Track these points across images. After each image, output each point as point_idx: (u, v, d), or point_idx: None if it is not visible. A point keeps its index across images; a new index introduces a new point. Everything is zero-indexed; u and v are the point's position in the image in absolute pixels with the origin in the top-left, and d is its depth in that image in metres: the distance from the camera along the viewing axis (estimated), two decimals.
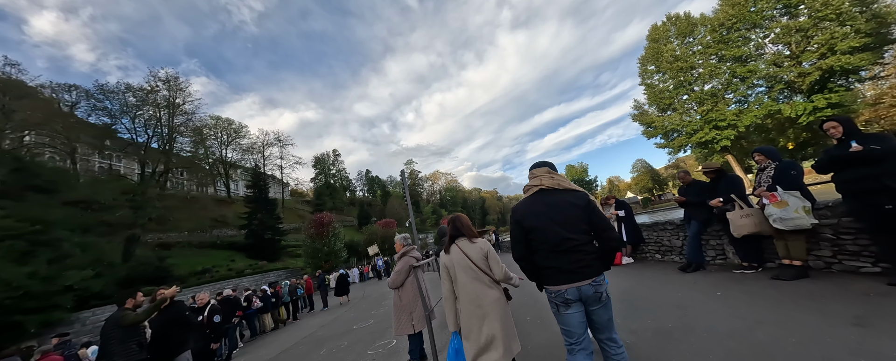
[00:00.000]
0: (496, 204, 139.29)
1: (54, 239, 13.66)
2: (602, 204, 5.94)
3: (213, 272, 26.17)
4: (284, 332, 8.10)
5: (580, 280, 1.61)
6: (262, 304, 7.91)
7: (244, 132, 49.91)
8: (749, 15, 27.47)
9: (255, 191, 35.94)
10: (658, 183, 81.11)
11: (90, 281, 14.64)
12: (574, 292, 1.62)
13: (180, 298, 7.46)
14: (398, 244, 3.17)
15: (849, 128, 2.43)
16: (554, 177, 1.84)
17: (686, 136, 33.13)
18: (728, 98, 32.01)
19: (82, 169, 25.60)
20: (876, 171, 2.18)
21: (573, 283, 1.62)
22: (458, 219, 2.32)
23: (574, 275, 1.62)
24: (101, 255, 16.05)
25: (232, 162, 49.03)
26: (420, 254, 3.21)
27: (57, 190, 17.80)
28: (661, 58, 35.11)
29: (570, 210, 1.69)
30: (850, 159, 2.30)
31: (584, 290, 1.61)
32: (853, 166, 2.32)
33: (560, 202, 1.73)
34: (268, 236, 34.40)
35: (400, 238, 3.20)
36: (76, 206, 18.27)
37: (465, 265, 2.09)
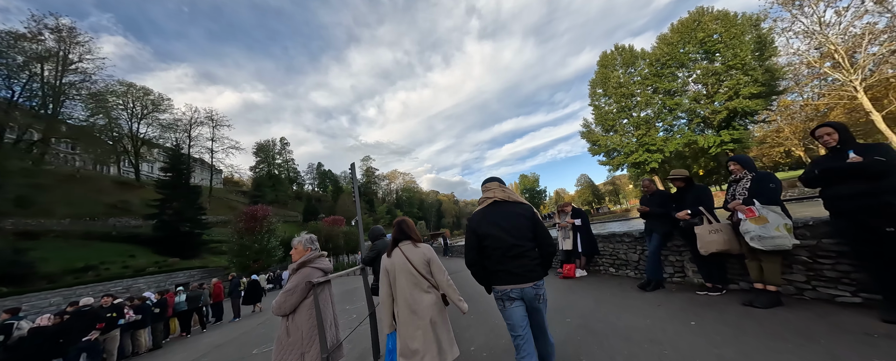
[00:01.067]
0: (452, 207, 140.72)
1: None
2: (558, 212, 5.61)
3: (101, 270, 21.21)
4: (158, 356, 6.20)
5: (524, 282, 1.84)
6: (138, 316, 5.97)
7: (165, 105, 42.35)
8: (679, 55, 31.52)
9: (173, 175, 30.40)
10: (597, 196, 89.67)
11: None
12: (517, 291, 1.85)
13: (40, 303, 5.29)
14: (297, 248, 2.22)
15: (845, 136, 2.14)
16: (505, 190, 2.07)
17: (624, 156, 36.73)
18: (658, 126, 36.37)
19: None
20: (875, 188, 1.91)
21: (518, 284, 1.85)
22: (403, 223, 2.28)
23: (519, 278, 1.84)
24: None
25: (145, 138, 41.15)
26: (330, 264, 2.27)
27: None
28: (608, 83, 38.57)
29: (518, 220, 1.92)
30: (846, 171, 2.03)
31: (527, 291, 1.85)
32: (847, 180, 2.04)
33: (510, 213, 1.95)
34: (185, 229, 29.24)
35: (302, 240, 2.26)
36: None
37: (405, 269, 2.07)
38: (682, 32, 30.68)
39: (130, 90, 39.99)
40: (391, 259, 2.14)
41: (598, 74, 40.56)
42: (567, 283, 4.72)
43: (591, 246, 4.95)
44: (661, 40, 33.61)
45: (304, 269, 2.05)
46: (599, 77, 39.89)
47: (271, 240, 22.96)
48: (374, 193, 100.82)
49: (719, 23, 27.04)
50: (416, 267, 2.06)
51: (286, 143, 79.68)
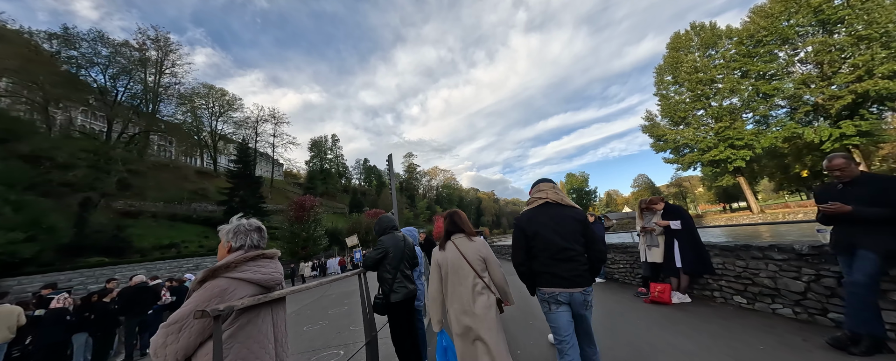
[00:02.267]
0: (492, 205, 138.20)
1: None
2: (642, 210, 4.18)
3: (182, 247, 24.29)
4: None
5: (573, 287, 1.81)
6: (174, 298, 5.98)
7: (238, 105, 47.68)
8: (781, 29, 25.69)
9: (240, 167, 33.92)
10: None
11: (19, 246, 12.70)
12: (566, 296, 1.82)
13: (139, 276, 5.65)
14: (223, 244, 1.30)
15: None
16: (557, 192, 2.05)
17: (698, 153, 31.47)
18: (745, 118, 30.36)
19: (60, 123, 23.26)
20: None
21: (566, 288, 1.81)
22: (455, 215, 2.18)
23: (568, 282, 1.81)
24: (40, 217, 14.08)
25: (221, 134, 46.82)
26: (277, 270, 1.26)
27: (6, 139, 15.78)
28: (681, 68, 33.33)
29: (570, 223, 1.91)
30: None
31: (575, 297, 1.82)
32: None
33: (562, 215, 1.94)
34: (249, 215, 32.40)
35: (227, 229, 1.32)
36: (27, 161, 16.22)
37: (458, 265, 1.99)
38: (787, 1, 24.88)
39: (211, 91, 45.74)
40: (444, 253, 2.05)
41: (667, 59, 35.35)
42: (659, 312, 3.35)
43: (698, 260, 3.43)
44: (755, 13, 27.81)
45: (212, 282, 1.07)
46: (669, 62, 34.70)
47: (317, 229, 24.06)
48: (415, 189, 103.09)
49: None
50: (472, 264, 1.96)
51: (337, 140, 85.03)
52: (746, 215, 34.02)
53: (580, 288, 1.80)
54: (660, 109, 36.24)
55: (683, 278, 3.57)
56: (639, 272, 4.64)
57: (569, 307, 1.82)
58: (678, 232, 3.57)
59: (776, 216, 28.69)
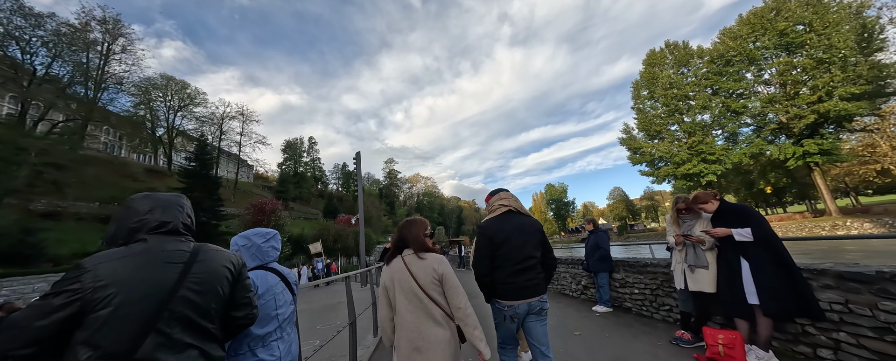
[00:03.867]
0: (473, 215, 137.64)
1: None
2: (678, 211, 2.90)
3: None
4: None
5: (531, 295, 1.83)
6: None
7: (200, 99, 43.94)
8: (749, 50, 26.97)
9: (197, 165, 30.55)
10: (632, 212, 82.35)
11: None
12: (524, 307, 1.82)
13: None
14: None
15: None
16: (517, 201, 2.04)
17: (673, 166, 32.13)
18: (716, 133, 31.51)
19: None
20: None
21: (526, 299, 1.82)
22: (410, 225, 1.70)
23: (528, 291, 1.82)
24: None
25: (180, 129, 42.76)
26: None
27: None
28: (656, 83, 34.38)
29: (532, 232, 1.92)
30: None
31: (533, 305, 1.83)
32: None
33: (525, 224, 1.94)
34: (203, 219, 29.04)
35: None
36: None
37: (407, 288, 1.54)
38: (753, 24, 26.24)
39: (170, 83, 41.86)
40: (390, 270, 1.62)
41: (643, 74, 36.46)
42: None
43: (791, 293, 2.10)
44: (725, 34, 29.21)
45: None
46: (646, 77, 35.77)
47: None
48: (396, 196, 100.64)
49: (810, 9, 22.48)
50: (423, 287, 1.52)
51: (314, 143, 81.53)
52: None
53: (538, 296, 1.83)
54: (637, 123, 37.08)
55: (764, 323, 2.19)
56: (668, 302, 3.39)
57: (524, 316, 1.84)
58: (748, 246, 2.32)
59: None
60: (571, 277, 5.51)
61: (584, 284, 5.15)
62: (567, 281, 5.66)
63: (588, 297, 5.06)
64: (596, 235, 4.44)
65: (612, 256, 4.30)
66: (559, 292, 5.93)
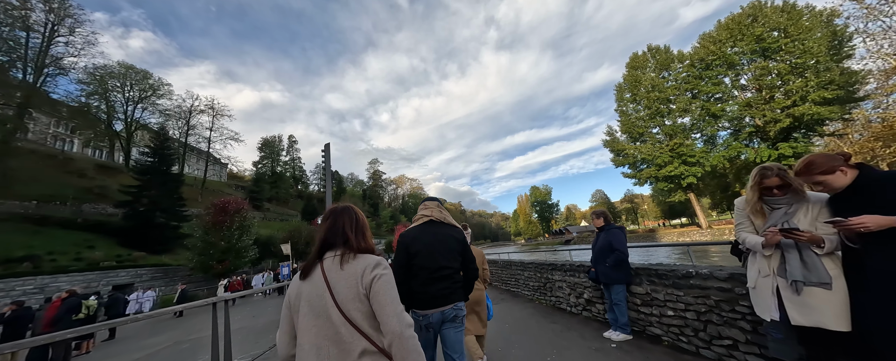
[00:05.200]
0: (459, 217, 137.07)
1: None
2: (758, 191, 1.81)
3: (43, 260, 18.16)
4: None
5: (444, 304, 1.84)
6: None
7: (164, 90, 40.57)
8: (727, 55, 27.54)
9: (155, 160, 27.80)
10: (613, 214, 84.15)
11: None
12: (437, 316, 1.83)
13: None
14: None
15: None
16: (441, 211, 2.09)
17: (655, 168, 32.41)
18: (696, 136, 32.10)
19: None
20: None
21: (438, 308, 1.83)
22: (340, 214, 1.25)
23: (441, 300, 1.84)
24: None
25: (141, 123, 39.24)
26: None
27: None
28: (639, 86, 34.77)
29: (450, 242, 1.94)
30: None
31: (447, 313, 1.85)
32: None
33: (443, 234, 1.96)
34: (160, 220, 26.35)
35: None
36: None
37: (318, 306, 1.07)
38: (732, 29, 26.81)
39: (129, 72, 38.37)
40: (301, 284, 1.13)
41: (626, 77, 36.85)
42: None
43: None
44: (704, 39, 29.78)
45: None
46: (628, 80, 36.15)
47: (243, 239, 19.61)
48: (380, 197, 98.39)
49: (785, 15, 23.07)
50: (341, 305, 1.04)
51: (294, 142, 78.28)
52: (695, 230, 35.68)
53: (451, 304, 1.86)
54: (620, 125, 37.41)
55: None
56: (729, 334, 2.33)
57: (439, 325, 1.86)
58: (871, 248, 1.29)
59: (722, 231, 30.05)
60: (570, 287, 4.47)
61: (586, 297, 4.12)
62: (564, 292, 4.62)
63: (593, 315, 4.03)
64: (608, 233, 3.40)
65: (625, 257, 3.25)
66: (553, 306, 4.89)
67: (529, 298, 5.78)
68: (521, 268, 6.32)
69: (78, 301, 4.94)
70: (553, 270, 4.82)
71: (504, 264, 7.63)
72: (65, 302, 4.88)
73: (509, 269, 7.17)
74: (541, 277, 5.29)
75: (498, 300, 6.24)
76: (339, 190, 79.01)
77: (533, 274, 5.63)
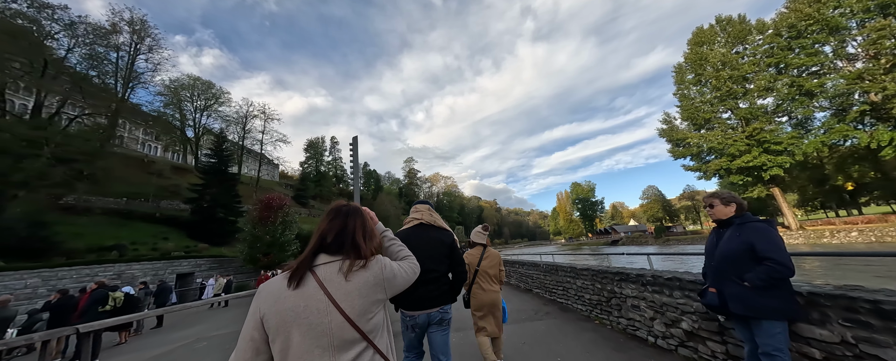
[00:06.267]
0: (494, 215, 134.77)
1: None
2: None
3: (128, 250, 20.79)
4: None
5: (431, 306, 1.90)
6: None
7: (224, 98, 44.96)
8: (828, 18, 22.35)
9: (215, 161, 30.71)
10: (669, 213, 75.31)
11: None
12: (424, 318, 1.90)
13: None
14: None
15: None
16: (432, 214, 2.12)
17: (727, 159, 27.76)
18: (781, 120, 26.81)
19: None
20: None
21: (426, 309, 1.90)
22: (353, 214, 1.10)
23: (428, 302, 1.90)
24: None
25: (206, 128, 43.98)
26: None
27: None
28: (705, 65, 30.06)
29: (438, 245, 1.99)
30: None
31: (433, 315, 1.91)
32: None
33: (432, 238, 2.01)
34: (220, 215, 29.03)
35: None
36: None
37: (320, 330, 0.88)
38: None
39: (197, 83, 43.13)
40: (280, 294, 0.91)
41: (688, 56, 32.15)
42: None
43: None
44: (795, 1, 24.57)
45: None
46: (691, 59, 31.47)
47: (286, 233, 20.53)
48: (415, 195, 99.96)
49: None
50: (356, 322, 0.90)
51: (336, 142, 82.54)
52: (782, 232, 30.10)
53: (438, 306, 1.89)
54: (680, 111, 32.85)
55: None
56: None
57: (425, 326, 1.89)
58: None
59: (821, 233, 24.75)
60: (654, 309, 3.21)
61: (687, 328, 2.76)
62: (643, 314, 3.34)
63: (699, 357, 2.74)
64: (747, 229, 2.01)
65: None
66: (624, 331, 3.62)
67: (584, 314, 4.58)
68: (572, 275, 5.11)
69: (105, 294, 5.00)
70: (623, 281, 3.59)
71: (547, 268, 6.42)
72: (92, 294, 4.97)
73: (554, 275, 5.96)
74: (602, 289, 4.07)
75: (541, 313, 5.12)
76: (377, 188, 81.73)
77: (589, 283, 4.42)
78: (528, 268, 8.27)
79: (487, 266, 2.96)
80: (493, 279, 2.96)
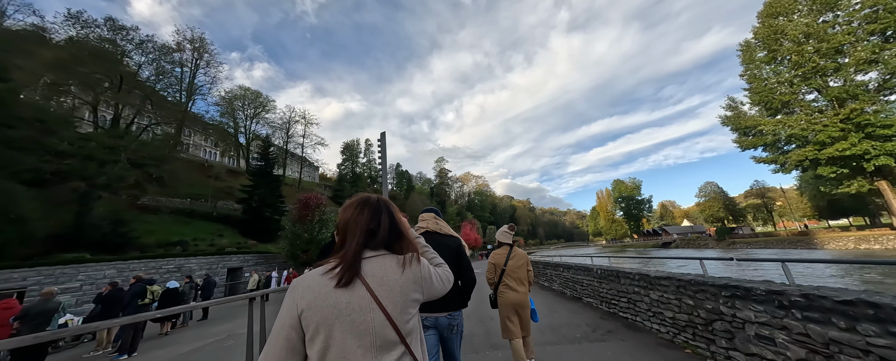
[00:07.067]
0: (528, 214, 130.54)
1: None
2: None
3: (190, 245, 22.95)
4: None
5: (438, 311, 1.92)
6: None
7: (270, 106, 48.47)
8: None
9: (262, 164, 33.13)
10: (733, 212, 66.47)
11: None
12: (431, 320, 1.93)
13: None
14: None
15: None
16: (438, 222, 2.16)
17: (813, 147, 23.41)
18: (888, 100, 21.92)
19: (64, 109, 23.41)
20: None
21: (432, 313, 1.93)
22: (389, 206, 1.07)
23: (437, 306, 1.91)
24: (8, 207, 12.56)
25: (255, 134, 47.81)
26: None
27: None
28: (782, 39, 25.72)
29: (444, 250, 1.94)
30: None
31: (440, 321, 1.93)
32: None
33: (439, 243, 1.98)
34: (267, 214, 31.19)
35: None
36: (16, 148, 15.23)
37: (363, 328, 0.85)
38: None
39: (247, 93, 46.99)
40: (322, 289, 0.86)
41: (759, 31, 27.82)
42: None
43: None
44: None
45: None
46: (763, 34, 27.15)
47: (323, 231, 21.18)
48: (447, 195, 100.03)
49: None
50: (396, 323, 0.87)
51: (370, 145, 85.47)
52: (889, 233, 24.70)
53: (445, 312, 1.91)
54: (749, 95, 28.57)
55: None
56: None
57: (436, 330, 1.92)
58: None
59: None
60: (796, 340, 2.18)
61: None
62: (782, 350, 2.33)
63: None
64: None
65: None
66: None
67: (664, 338, 3.56)
68: (643, 285, 4.09)
69: (143, 287, 5.11)
70: (737, 299, 2.55)
71: (604, 273, 5.40)
72: (131, 288, 5.10)
73: (614, 282, 4.94)
74: (695, 307, 3.06)
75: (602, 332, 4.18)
76: (409, 188, 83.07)
77: (673, 297, 3.42)
78: (575, 272, 7.22)
79: (514, 266, 2.98)
80: (521, 279, 2.98)
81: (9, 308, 3.93)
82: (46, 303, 3.88)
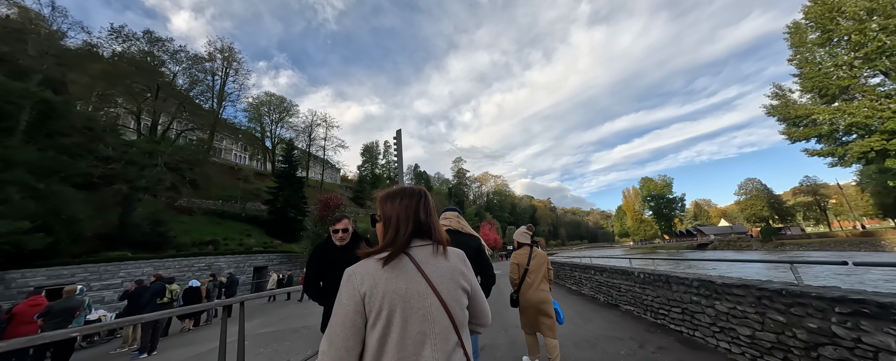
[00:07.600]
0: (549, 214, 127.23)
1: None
2: None
3: (220, 244, 24.02)
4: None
5: None
6: None
7: (293, 110, 50.25)
8: None
9: (286, 167, 34.28)
10: (778, 212, 60.89)
11: (23, 236, 11.90)
12: None
13: None
14: None
15: None
16: (460, 221, 2.22)
17: (880, 137, 20.74)
18: None
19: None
20: None
21: None
22: (427, 195, 1.07)
23: None
24: (61, 208, 13.56)
25: (281, 138, 49.75)
26: None
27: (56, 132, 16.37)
28: (839, 17, 23.07)
29: (466, 250, 1.91)
30: None
31: None
32: None
33: (460, 242, 2.03)
34: (291, 214, 32.20)
35: None
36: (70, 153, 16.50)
37: (422, 313, 0.87)
38: None
39: (272, 99, 48.99)
40: (395, 277, 0.88)
41: (811, 11, 25.17)
42: None
43: None
44: None
45: None
46: (816, 13, 24.51)
47: None
48: (465, 195, 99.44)
49: None
50: (450, 308, 0.89)
51: (388, 146, 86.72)
52: None
53: None
54: (799, 81, 25.91)
55: None
56: None
57: None
58: None
59: None
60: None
61: None
62: None
63: None
64: None
65: None
66: None
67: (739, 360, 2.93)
68: (704, 294, 3.46)
69: (162, 286, 5.14)
70: (865, 319, 1.86)
71: (648, 278, 4.75)
72: (151, 287, 5.13)
73: (662, 289, 4.31)
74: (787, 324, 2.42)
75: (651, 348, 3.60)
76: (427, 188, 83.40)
77: (748, 308, 2.79)
78: (610, 276, 6.56)
79: (536, 265, 3.10)
80: (542, 278, 3.09)
81: (36, 304, 4.04)
82: (69, 301, 3.92)
